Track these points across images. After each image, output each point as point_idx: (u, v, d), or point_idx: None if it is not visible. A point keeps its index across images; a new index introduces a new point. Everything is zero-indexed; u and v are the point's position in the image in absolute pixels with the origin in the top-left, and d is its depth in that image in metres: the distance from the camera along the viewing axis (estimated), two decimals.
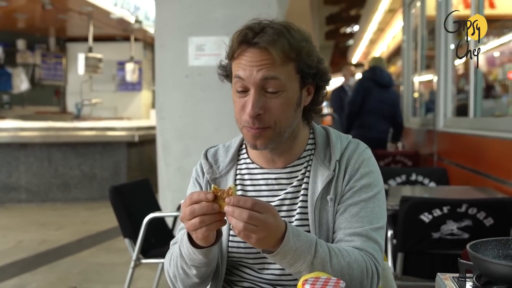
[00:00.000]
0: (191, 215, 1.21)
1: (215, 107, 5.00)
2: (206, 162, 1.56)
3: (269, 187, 1.48)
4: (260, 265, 1.45)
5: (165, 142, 5.07)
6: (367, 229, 1.39)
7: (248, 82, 1.35)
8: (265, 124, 1.36)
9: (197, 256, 1.33)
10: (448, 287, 1.19)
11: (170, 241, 3.52)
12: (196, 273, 1.38)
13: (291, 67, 1.37)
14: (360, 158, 1.47)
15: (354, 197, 1.42)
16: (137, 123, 9.39)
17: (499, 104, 5.96)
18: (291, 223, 1.42)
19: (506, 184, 3.38)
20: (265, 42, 1.33)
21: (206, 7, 4.96)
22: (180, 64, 4.99)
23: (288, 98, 1.37)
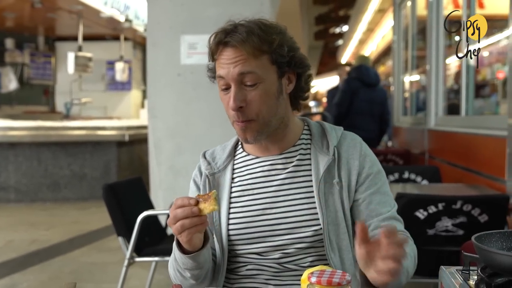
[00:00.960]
0: (174, 220, 1.28)
1: (207, 106, 4.99)
2: (204, 160, 1.64)
3: (264, 173, 1.54)
4: (263, 248, 1.50)
5: (157, 141, 5.06)
6: (392, 212, 1.51)
7: (228, 79, 1.44)
8: (248, 117, 1.45)
9: (187, 260, 1.39)
10: (453, 280, 1.19)
11: (163, 240, 3.53)
12: (190, 276, 1.44)
13: (265, 59, 1.45)
14: (363, 146, 1.56)
15: (374, 186, 1.51)
16: (127, 122, 9.35)
17: (488, 104, 6.00)
18: (294, 206, 1.49)
19: (498, 182, 3.40)
20: (235, 40, 1.43)
21: (198, 6, 4.95)
22: (172, 62, 4.98)
23: (266, 89, 1.45)
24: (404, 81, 7.48)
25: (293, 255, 1.48)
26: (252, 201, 1.53)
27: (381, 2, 10.32)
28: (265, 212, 1.50)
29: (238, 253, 1.53)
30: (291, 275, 1.48)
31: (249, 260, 1.52)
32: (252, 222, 1.51)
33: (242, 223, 1.51)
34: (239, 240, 1.52)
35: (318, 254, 1.48)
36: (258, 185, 1.54)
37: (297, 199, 1.50)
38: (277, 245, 1.48)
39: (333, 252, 1.46)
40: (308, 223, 1.47)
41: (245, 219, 1.52)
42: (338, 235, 1.48)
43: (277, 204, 1.50)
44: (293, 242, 1.47)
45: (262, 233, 1.49)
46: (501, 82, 6.04)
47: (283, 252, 1.48)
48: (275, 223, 1.49)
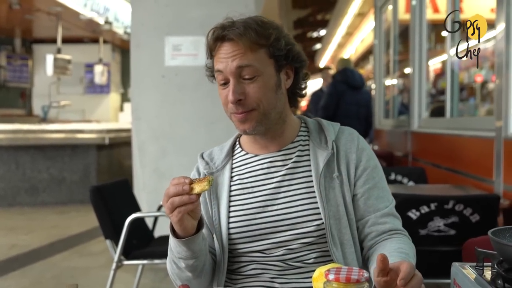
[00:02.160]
0: (166, 197, 1.29)
1: (191, 108, 4.96)
2: (202, 161, 1.63)
3: (264, 170, 1.54)
4: (265, 246, 1.48)
5: (140, 143, 5.00)
6: (390, 207, 1.53)
7: (226, 73, 1.45)
8: (248, 107, 1.45)
9: (181, 247, 1.38)
10: (468, 275, 1.18)
11: (151, 242, 3.48)
12: (185, 266, 1.42)
13: (263, 53, 1.46)
14: (361, 141, 1.57)
15: (372, 180, 1.52)
16: (107, 125, 9.25)
17: (467, 107, 6.07)
18: (295, 201, 1.49)
19: (486, 182, 3.42)
20: (232, 34, 1.44)
21: (183, 7, 4.91)
22: (156, 64, 4.93)
23: (265, 82, 1.46)
24: (386, 84, 7.53)
25: (296, 252, 1.47)
26: (252, 198, 1.52)
27: (361, 6, 10.39)
28: (266, 209, 1.50)
29: (240, 252, 1.51)
30: (296, 272, 1.47)
31: (252, 259, 1.50)
32: (253, 220, 1.49)
33: (242, 221, 1.50)
34: (241, 239, 1.50)
35: (321, 250, 1.47)
36: (257, 182, 1.53)
37: (297, 194, 1.50)
38: (279, 241, 1.47)
39: (335, 246, 1.46)
40: (310, 217, 1.47)
41: (246, 216, 1.50)
42: (339, 229, 1.47)
43: (277, 200, 1.50)
44: (295, 237, 1.46)
45: (263, 230, 1.48)
46: (479, 86, 6.12)
47: (286, 249, 1.47)
48: (277, 220, 1.48)
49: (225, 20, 1.50)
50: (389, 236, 1.49)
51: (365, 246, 1.52)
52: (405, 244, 1.45)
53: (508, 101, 3.12)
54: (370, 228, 1.50)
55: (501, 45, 3.18)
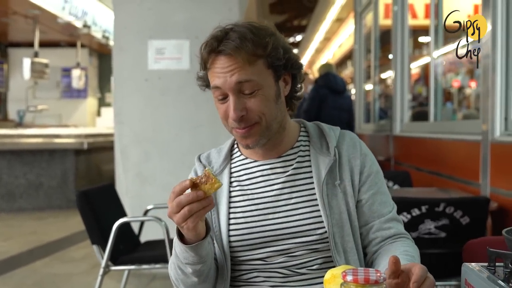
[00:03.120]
0: (178, 207, 1.22)
1: (175, 111, 4.92)
2: (200, 164, 1.59)
3: (264, 177, 1.50)
4: (267, 254, 1.46)
5: (123, 147, 4.94)
6: (393, 212, 1.52)
7: (225, 89, 1.39)
8: (251, 121, 1.40)
9: (189, 253, 1.34)
10: (481, 274, 1.17)
11: (137, 248, 3.44)
12: (192, 271, 1.38)
13: (261, 64, 1.40)
14: (363, 146, 1.55)
15: (375, 185, 1.50)
16: (86, 130, 9.14)
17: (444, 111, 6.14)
18: (297, 209, 1.46)
19: (471, 185, 3.45)
20: (229, 48, 1.36)
21: (166, 10, 4.88)
22: (140, 67, 4.89)
23: (265, 95, 1.41)
24: (366, 88, 7.58)
25: (299, 259, 1.44)
26: (253, 206, 1.48)
27: (339, 11, 10.45)
28: (267, 216, 1.46)
29: (241, 260, 1.48)
30: (298, 279, 1.44)
31: (253, 267, 1.47)
32: (254, 228, 1.46)
33: (243, 229, 1.47)
34: (242, 246, 1.47)
35: (323, 257, 1.45)
36: (258, 189, 1.50)
37: (299, 202, 1.47)
38: (281, 249, 1.44)
39: (338, 255, 1.43)
40: (313, 226, 1.44)
41: (247, 224, 1.47)
42: (342, 237, 1.45)
43: (278, 208, 1.47)
44: (298, 246, 1.44)
45: (265, 238, 1.45)
46: (456, 91, 6.20)
47: (288, 256, 1.44)
48: (279, 228, 1.45)
49: (216, 30, 1.42)
50: (393, 240, 1.48)
51: (369, 251, 1.51)
52: (410, 247, 1.45)
53: (494, 104, 3.15)
54: (375, 234, 1.48)
55: (487, 49, 3.21)
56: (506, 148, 3.07)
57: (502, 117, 3.13)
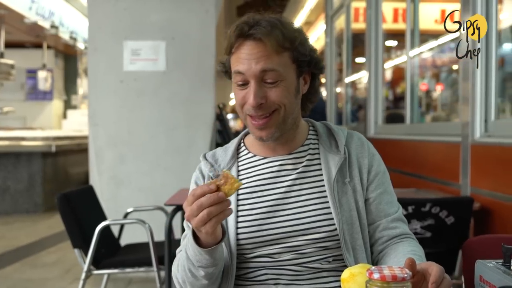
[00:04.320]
0: (198, 210, 1.20)
1: (151, 113, 4.87)
2: (206, 163, 1.56)
3: (273, 173, 1.50)
4: (276, 250, 1.44)
5: (98, 150, 4.87)
6: (399, 212, 1.54)
7: (247, 75, 1.39)
8: (269, 109, 1.41)
9: (203, 256, 1.31)
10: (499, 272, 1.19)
11: (118, 251, 3.39)
12: (204, 274, 1.36)
13: (287, 57, 1.41)
14: (370, 146, 1.57)
15: (382, 185, 1.52)
16: (53, 133, 8.97)
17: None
18: (307, 206, 1.45)
19: (451, 186, 3.51)
20: (260, 33, 1.37)
21: (142, 11, 4.83)
22: (115, 68, 4.82)
23: (286, 87, 1.42)
24: (337, 91, 7.64)
25: (308, 256, 1.43)
26: (261, 202, 1.47)
27: (308, 14, 10.52)
28: (276, 213, 1.45)
29: (248, 257, 1.46)
30: (307, 278, 1.43)
31: (261, 264, 1.45)
32: (263, 225, 1.45)
33: (252, 226, 1.45)
34: (250, 244, 1.45)
35: (332, 255, 1.44)
36: (266, 186, 1.48)
37: (309, 199, 1.46)
38: (290, 246, 1.43)
39: (348, 252, 1.43)
40: (323, 223, 1.44)
41: (255, 221, 1.45)
42: (352, 234, 1.45)
43: (288, 205, 1.46)
44: (307, 243, 1.43)
45: (274, 236, 1.44)
46: (424, 94, 6.31)
47: (297, 253, 1.43)
48: (288, 225, 1.44)
49: (247, 17, 1.42)
50: (399, 240, 1.49)
51: (374, 250, 1.51)
52: (417, 247, 1.46)
53: (474, 107, 3.21)
54: (381, 233, 1.49)
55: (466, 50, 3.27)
56: (486, 149, 3.13)
57: (482, 119, 3.19)
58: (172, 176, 4.83)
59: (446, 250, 2.86)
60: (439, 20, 7.32)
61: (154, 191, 4.78)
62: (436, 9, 7.00)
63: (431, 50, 5.81)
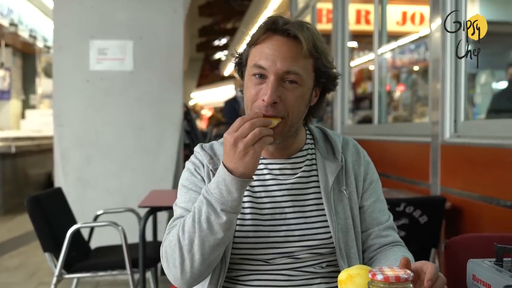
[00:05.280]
0: (251, 128, 1.24)
1: (118, 113, 4.81)
2: (205, 154, 1.50)
3: (273, 176, 1.47)
4: (270, 255, 1.42)
5: (63, 150, 4.77)
6: (391, 220, 1.55)
7: (269, 71, 1.35)
8: (278, 113, 1.35)
9: (232, 196, 1.27)
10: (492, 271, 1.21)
11: (89, 255, 3.33)
12: (225, 220, 1.28)
13: (310, 64, 1.39)
14: (365, 153, 1.57)
15: (375, 193, 1.54)
16: (12, 133, 8.75)
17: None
18: (304, 212, 1.44)
19: (421, 185, 3.57)
20: (295, 30, 1.34)
21: (109, 9, 4.75)
22: (81, 68, 4.74)
23: (303, 93, 1.39)
24: None
25: (302, 261, 1.43)
26: (261, 204, 1.45)
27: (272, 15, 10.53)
28: (274, 216, 1.44)
29: (242, 259, 1.43)
30: (300, 284, 1.42)
31: (254, 268, 1.43)
32: (261, 226, 1.43)
33: (250, 226, 1.43)
34: (246, 244, 1.42)
35: (327, 261, 1.45)
36: (266, 187, 1.46)
37: (308, 205, 1.46)
38: (285, 252, 1.42)
39: (342, 259, 1.44)
40: (319, 230, 1.44)
41: (254, 221, 1.44)
42: (346, 242, 1.46)
43: (286, 209, 1.45)
44: (302, 249, 1.43)
45: (271, 239, 1.42)
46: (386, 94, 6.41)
47: (291, 258, 1.42)
48: (286, 229, 1.43)
49: (278, 14, 1.40)
50: (390, 247, 1.50)
51: (366, 257, 1.52)
52: (407, 253, 1.47)
53: (444, 107, 3.27)
54: (373, 241, 1.50)
55: (437, 52, 3.33)
56: (456, 149, 3.20)
57: (452, 119, 3.25)
58: (140, 177, 4.77)
59: (418, 250, 2.90)
60: (401, 22, 7.46)
61: (122, 192, 4.72)
62: (397, 11, 7.12)
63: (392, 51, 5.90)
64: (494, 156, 2.86)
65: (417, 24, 7.74)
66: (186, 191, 1.47)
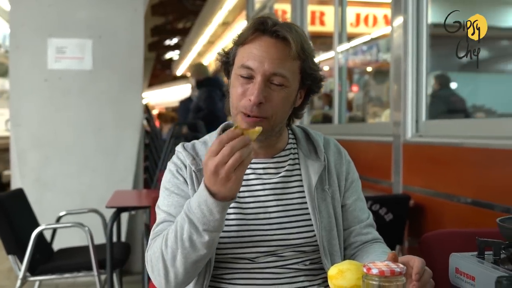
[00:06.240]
0: (230, 154, 1.16)
1: (77, 113, 4.73)
2: (188, 154, 1.49)
3: (257, 175, 1.48)
4: (255, 254, 1.43)
5: (20, 151, 4.66)
6: (370, 218, 1.59)
7: (256, 72, 1.35)
8: (263, 113, 1.36)
9: (214, 216, 1.23)
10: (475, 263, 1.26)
11: (52, 256, 3.28)
12: (207, 240, 1.27)
13: (297, 66, 1.40)
14: (346, 153, 1.60)
15: (356, 192, 1.57)
16: None
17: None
18: (288, 211, 1.46)
19: (383, 184, 3.65)
20: (285, 32, 1.35)
21: (67, 7, 4.68)
22: (38, 67, 4.65)
23: (288, 94, 1.40)
24: None
25: (286, 259, 1.45)
26: (244, 204, 1.46)
27: (226, 15, 10.55)
28: (258, 216, 1.45)
29: (227, 258, 1.44)
30: (286, 282, 1.44)
31: (239, 266, 1.44)
32: (245, 226, 1.44)
33: (234, 225, 1.43)
34: (230, 243, 1.43)
35: (310, 259, 1.48)
36: (250, 187, 1.47)
37: (291, 204, 1.48)
38: (270, 250, 1.44)
39: (326, 258, 1.46)
40: (303, 229, 1.46)
41: (237, 221, 1.44)
42: (329, 240, 1.48)
43: (270, 208, 1.46)
44: (286, 247, 1.44)
45: (255, 238, 1.43)
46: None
47: (275, 256, 1.44)
48: (270, 228, 1.44)
49: (266, 14, 1.40)
50: (370, 244, 1.54)
51: (347, 254, 1.55)
52: (387, 249, 1.51)
53: (406, 108, 3.36)
54: (354, 238, 1.53)
55: (398, 53, 3.41)
56: (417, 148, 3.29)
57: (414, 119, 3.34)
58: (100, 178, 4.71)
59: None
60: (354, 24, 7.60)
61: (82, 193, 4.65)
62: (351, 13, 7.25)
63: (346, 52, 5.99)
64: (454, 154, 2.95)
65: (371, 26, 7.91)
66: (168, 194, 1.47)
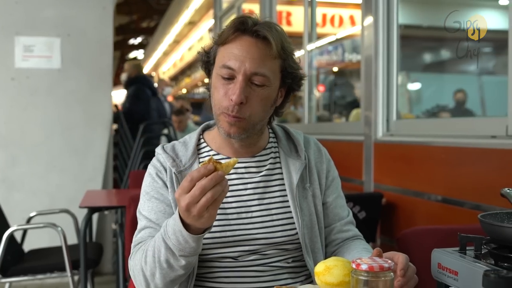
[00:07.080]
0: (201, 194, 1.13)
1: (45, 113, 4.67)
2: (168, 156, 1.48)
3: (238, 175, 1.49)
4: (238, 253, 1.44)
5: None
6: (350, 216, 1.61)
7: (237, 72, 1.36)
8: (244, 114, 1.37)
9: (190, 244, 1.23)
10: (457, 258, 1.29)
11: (23, 257, 3.23)
12: (184, 264, 1.27)
13: (278, 65, 1.41)
14: (326, 151, 1.62)
15: (336, 189, 1.59)
16: None
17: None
18: (270, 210, 1.47)
19: (354, 182, 3.70)
20: (265, 31, 1.36)
21: (35, 5, 4.61)
22: (5, 65, 4.57)
23: (269, 94, 1.41)
24: None
25: (269, 257, 1.46)
26: (226, 203, 1.46)
27: (192, 14, 10.52)
28: (240, 215, 1.46)
29: (210, 257, 1.45)
30: (270, 280, 1.46)
31: (223, 265, 1.45)
32: (226, 226, 1.44)
33: (216, 226, 1.43)
34: (213, 244, 1.43)
35: (292, 256, 1.49)
36: (232, 187, 1.46)
37: (273, 203, 1.49)
38: (253, 249, 1.45)
39: (308, 255, 1.48)
40: (285, 227, 1.47)
41: (220, 221, 1.44)
42: (311, 238, 1.50)
43: (252, 207, 1.47)
44: (269, 246, 1.46)
45: (238, 237, 1.44)
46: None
47: (259, 254, 1.45)
48: (252, 227, 1.45)
49: (246, 14, 1.41)
50: (351, 241, 1.57)
51: (328, 251, 1.57)
52: (367, 245, 1.55)
53: (377, 107, 3.41)
54: (335, 235, 1.55)
55: (369, 53, 3.46)
56: (388, 147, 3.34)
57: (384, 119, 3.39)
58: (69, 178, 4.66)
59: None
60: (321, 24, 7.67)
61: (50, 193, 4.59)
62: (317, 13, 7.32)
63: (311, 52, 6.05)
64: (425, 153, 3.01)
65: (337, 26, 8.00)
66: (148, 199, 1.47)
